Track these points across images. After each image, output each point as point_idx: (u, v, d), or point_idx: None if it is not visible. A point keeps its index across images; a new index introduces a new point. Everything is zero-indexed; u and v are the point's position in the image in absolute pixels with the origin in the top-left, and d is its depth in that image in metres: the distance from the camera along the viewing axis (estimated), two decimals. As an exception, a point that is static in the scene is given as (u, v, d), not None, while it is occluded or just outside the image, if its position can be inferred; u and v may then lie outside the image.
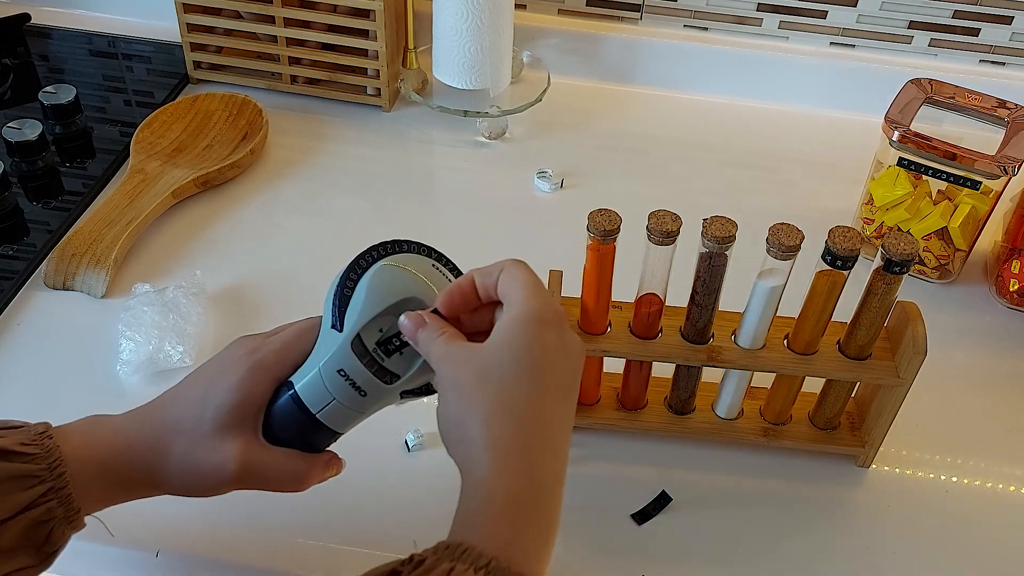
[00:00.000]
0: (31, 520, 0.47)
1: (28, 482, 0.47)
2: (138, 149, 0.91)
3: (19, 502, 0.46)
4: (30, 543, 0.47)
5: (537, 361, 0.47)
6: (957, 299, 0.85)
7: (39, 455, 0.48)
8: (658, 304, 0.64)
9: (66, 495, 0.48)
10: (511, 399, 0.46)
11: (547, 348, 0.47)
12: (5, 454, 0.47)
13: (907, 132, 0.80)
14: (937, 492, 0.69)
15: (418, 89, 1.04)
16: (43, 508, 0.47)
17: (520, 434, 0.45)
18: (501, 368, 0.46)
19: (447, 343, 0.49)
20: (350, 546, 0.63)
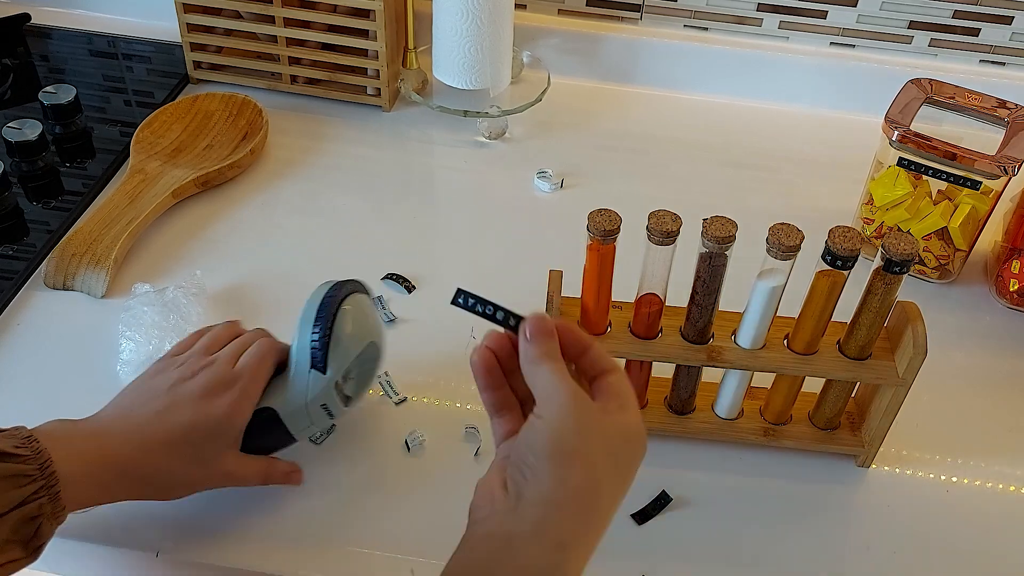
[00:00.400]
0: (22, 516, 0.50)
1: (21, 481, 0.50)
2: (138, 149, 0.91)
3: (12, 499, 0.50)
4: (20, 538, 0.50)
5: (632, 473, 0.50)
6: (957, 299, 0.85)
7: (30, 456, 0.51)
8: (658, 304, 0.64)
9: (55, 493, 0.51)
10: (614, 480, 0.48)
11: (636, 468, 0.50)
12: (2, 455, 0.50)
13: (907, 132, 0.80)
14: (937, 492, 0.69)
15: (418, 89, 1.04)
16: (34, 505, 0.50)
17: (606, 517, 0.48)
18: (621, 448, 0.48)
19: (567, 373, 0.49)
20: (350, 546, 0.63)
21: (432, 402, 0.73)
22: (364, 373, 0.66)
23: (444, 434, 0.70)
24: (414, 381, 0.74)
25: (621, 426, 0.49)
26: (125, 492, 0.58)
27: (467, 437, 0.70)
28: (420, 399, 0.73)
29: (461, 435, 0.70)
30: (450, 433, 0.70)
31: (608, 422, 0.48)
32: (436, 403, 0.73)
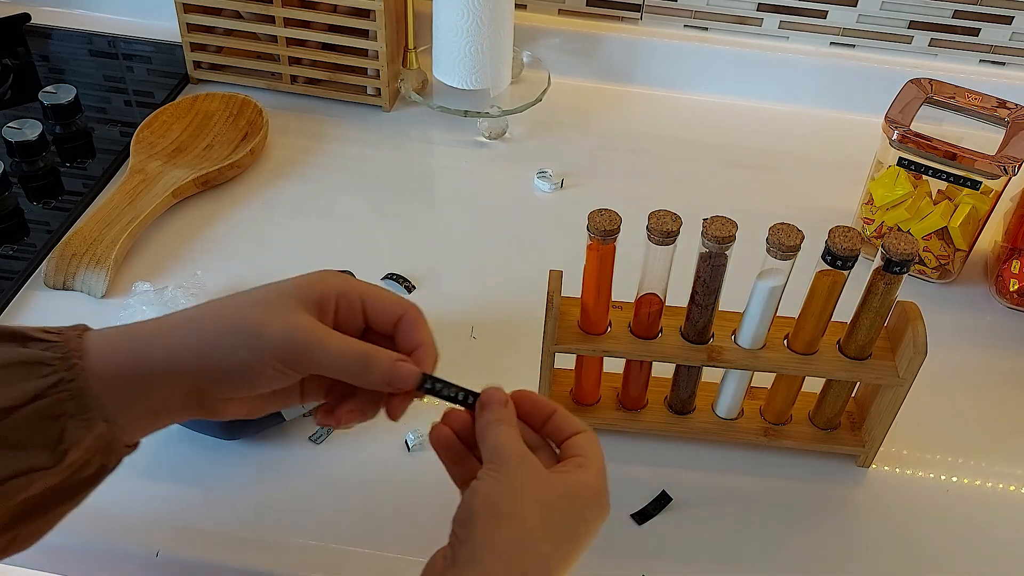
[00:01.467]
0: (39, 412, 0.43)
1: (39, 370, 0.44)
2: (138, 149, 0.91)
3: (27, 391, 0.43)
4: (42, 439, 0.44)
5: (579, 534, 0.47)
6: (957, 299, 0.85)
7: (56, 343, 0.45)
8: (658, 304, 0.64)
9: (77, 388, 0.44)
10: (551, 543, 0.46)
11: (590, 529, 0.48)
12: (23, 338, 0.45)
13: (907, 132, 0.80)
14: (937, 492, 0.69)
15: (418, 89, 1.04)
16: (52, 400, 0.43)
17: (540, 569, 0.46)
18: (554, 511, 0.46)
19: (518, 438, 0.49)
20: (350, 546, 0.63)
21: (432, 402, 0.73)
22: None
23: (444, 434, 0.70)
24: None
25: (571, 485, 0.47)
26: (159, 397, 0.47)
27: (467, 437, 0.70)
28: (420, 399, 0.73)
29: (461, 435, 0.70)
30: (450, 433, 0.70)
31: (554, 480, 0.47)
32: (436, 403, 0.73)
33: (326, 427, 0.69)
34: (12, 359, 0.43)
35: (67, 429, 0.44)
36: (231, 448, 0.68)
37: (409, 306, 0.51)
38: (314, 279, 0.49)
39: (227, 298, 0.48)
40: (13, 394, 0.43)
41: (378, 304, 0.50)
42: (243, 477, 0.67)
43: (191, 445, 0.68)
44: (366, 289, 0.50)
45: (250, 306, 0.47)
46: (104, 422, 0.45)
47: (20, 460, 0.43)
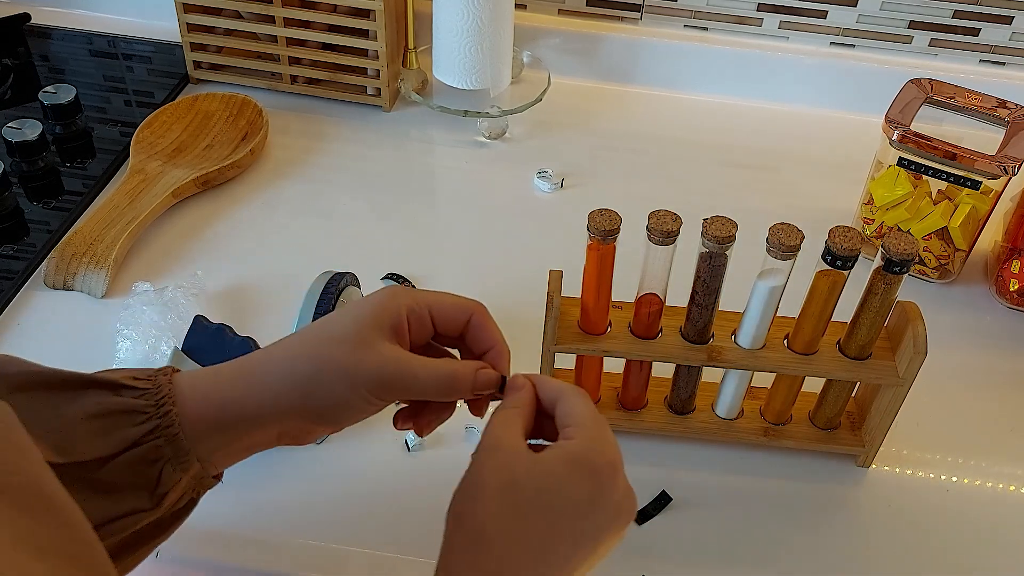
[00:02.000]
0: (138, 458, 0.45)
1: (135, 418, 0.45)
2: (138, 149, 0.91)
3: (124, 436, 0.45)
4: (140, 483, 0.45)
5: (563, 503, 0.44)
6: (957, 299, 0.85)
7: (149, 391, 0.46)
8: (658, 304, 0.64)
9: (173, 434, 0.46)
10: (518, 526, 0.44)
11: (579, 496, 0.45)
12: (116, 387, 0.46)
13: (907, 132, 0.80)
14: (937, 492, 0.69)
15: (418, 89, 1.04)
16: (149, 446, 0.45)
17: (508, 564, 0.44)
18: (528, 491, 0.44)
19: (505, 425, 0.48)
20: (350, 546, 0.63)
21: (432, 402, 0.73)
22: None
23: (444, 434, 0.70)
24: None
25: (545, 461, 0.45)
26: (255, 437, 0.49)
27: (467, 437, 0.70)
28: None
29: (461, 435, 0.70)
30: (450, 433, 0.70)
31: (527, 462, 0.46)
32: (436, 403, 0.73)
33: None
34: (107, 409, 0.45)
35: (164, 473, 0.46)
36: (231, 448, 0.68)
37: (475, 307, 0.52)
38: (387, 302, 0.49)
39: (311, 334, 0.49)
40: (111, 442, 0.44)
41: (445, 311, 0.51)
42: (244, 477, 0.67)
43: (191, 445, 0.68)
44: (432, 299, 0.51)
45: (339, 344, 0.48)
46: (198, 462, 0.47)
47: (121, 504, 0.45)
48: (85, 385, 0.46)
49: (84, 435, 0.44)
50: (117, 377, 0.46)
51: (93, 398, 0.45)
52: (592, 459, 0.46)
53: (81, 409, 0.45)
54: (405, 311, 0.50)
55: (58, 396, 0.45)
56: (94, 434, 0.44)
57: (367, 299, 0.50)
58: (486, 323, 0.52)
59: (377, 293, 0.50)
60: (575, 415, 0.48)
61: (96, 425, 0.44)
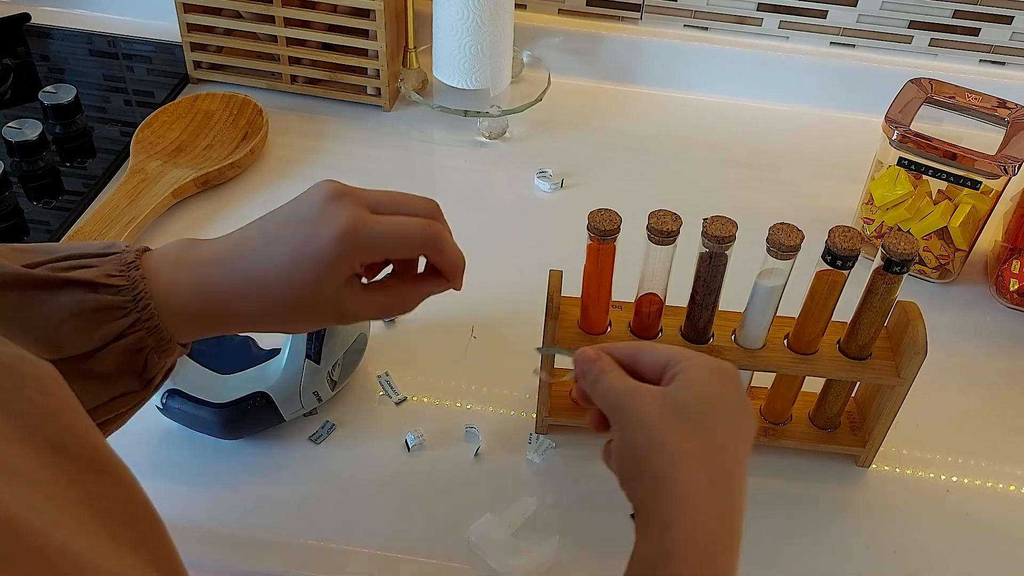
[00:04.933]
0: (124, 348, 0.48)
1: (115, 313, 0.47)
2: (138, 149, 0.92)
3: (109, 332, 0.47)
4: (129, 370, 0.48)
5: (726, 409, 0.48)
6: (957, 299, 0.85)
7: (125, 287, 0.48)
8: (658, 304, 0.64)
9: (153, 326, 0.48)
10: (701, 441, 0.46)
11: (733, 399, 0.49)
12: (92, 285, 0.47)
13: (907, 132, 0.80)
14: (937, 492, 0.69)
15: (418, 89, 1.04)
16: (133, 338, 0.48)
17: (711, 477, 0.46)
18: (697, 408, 0.47)
19: (623, 378, 0.50)
20: (350, 546, 0.63)
21: (432, 402, 0.73)
22: (351, 361, 0.70)
23: (444, 434, 0.70)
24: (414, 381, 0.74)
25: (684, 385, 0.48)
26: (234, 327, 0.52)
27: (467, 437, 0.70)
28: (420, 399, 0.73)
29: (461, 435, 0.70)
30: (450, 433, 0.70)
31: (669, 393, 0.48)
32: (436, 403, 0.73)
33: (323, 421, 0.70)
34: (88, 307, 0.47)
35: (149, 359, 0.49)
36: (231, 448, 0.68)
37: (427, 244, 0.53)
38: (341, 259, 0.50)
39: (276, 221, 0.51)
40: (96, 338, 0.47)
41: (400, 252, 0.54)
42: (243, 477, 0.67)
43: (191, 445, 0.68)
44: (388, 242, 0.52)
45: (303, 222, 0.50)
46: (180, 345, 0.51)
47: (113, 388, 0.48)
48: (62, 284, 0.47)
49: (69, 332, 0.46)
50: (92, 276, 0.48)
51: (72, 296, 0.47)
52: (723, 368, 0.49)
53: (63, 308, 0.46)
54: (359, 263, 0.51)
55: (38, 295, 0.46)
56: (79, 331, 0.46)
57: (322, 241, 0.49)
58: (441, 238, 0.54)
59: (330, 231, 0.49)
60: (668, 351, 0.50)
61: (79, 323, 0.46)
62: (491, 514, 0.64)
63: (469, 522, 0.64)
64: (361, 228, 0.50)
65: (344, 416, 0.71)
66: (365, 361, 0.73)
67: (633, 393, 0.48)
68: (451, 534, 0.64)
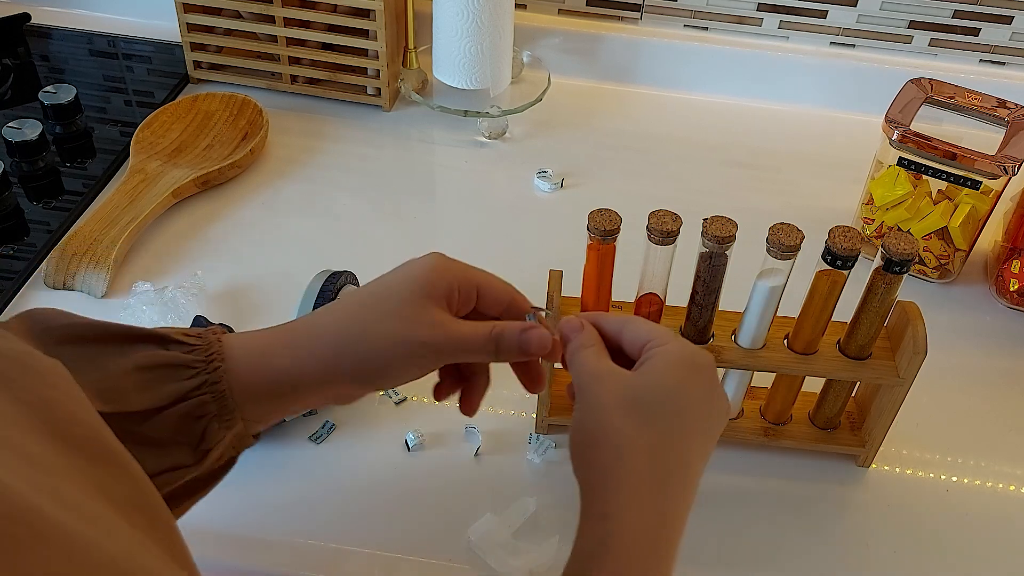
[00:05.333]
0: (184, 413, 0.45)
1: (183, 372, 0.45)
2: (138, 149, 0.92)
3: (172, 392, 0.45)
4: (184, 439, 0.46)
5: (686, 402, 0.47)
6: (957, 299, 0.85)
7: (198, 347, 0.46)
8: (658, 304, 0.64)
9: (220, 391, 0.46)
10: (653, 434, 0.46)
11: (697, 393, 0.47)
12: (165, 340, 0.46)
13: (907, 132, 0.80)
14: (937, 492, 0.69)
15: (418, 89, 1.04)
16: (195, 401, 0.45)
17: (655, 471, 0.45)
18: (651, 400, 0.46)
19: (597, 358, 0.49)
20: (350, 546, 0.63)
21: (432, 402, 0.73)
22: None
23: (444, 434, 0.70)
24: (414, 381, 0.74)
25: (651, 374, 0.47)
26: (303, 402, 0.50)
27: (467, 437, 0.70)
28: (420, 399, 0.73)
29: (461, 435, 0.70)
30: (450, 433, 0.70)
31: (634, 379, 0.47)
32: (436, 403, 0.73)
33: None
34: (156, 361, 0.45)
35: (208, 429, 0.46)
36: (231, 448, 0.68)
37: (514, 291, 0.53)
38: (438, 275, 0.50)
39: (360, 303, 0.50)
40: (159, 395, 0.45)
41: (491, 293, 0.52)
42: (243, 477, 0.67)
43: (191, 445, 0.68)
44: (481, 279, 0.52)
45: (391, 315, 0.48)
46: (242, 421, 0.47)
47: (165, 458, 0.45)
48: (134, 339, 0.46)
49: (132, 386, 0.44)
50: (167, 332, 0.46)
51: (142, 351, 0.45)
52: (694, 359, 0.48)
53: (130, 361, 0.45)
54: (456, 285, 0.50)
55: (106, 349, 0.45)
56: (142, 386, 0.44)
57: (418, 266, 0.50)
58: (524, 305, 0.53)
59: (427, 260, 0.50)
60: (649, 331, 0.49)
61: (145, 377, 0.45)
62: (491, 514, 0.64)
63: (469, 522, 0.64)
64: (448, 260, 0.50)
65: (344, 416, 0.71)
66: (365, 361, 0.73)
67: (598, 378, 0.48)
68: (451, 534, 0.64)
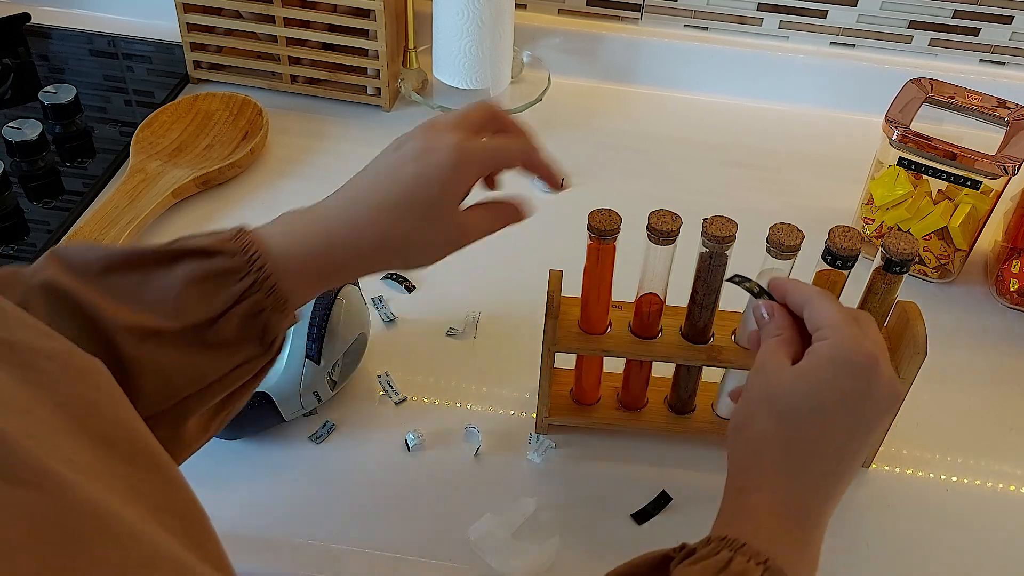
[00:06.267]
0: (244, 312, 0.48)
1: (232, 276, 0.48)
2: (138, 149, 0.92)
3: (228, 296, 0.47)
4: (250, 334, 0.49)
5: (828, 402, 0.49)
6: (957, 299, 0.85)
7: (238, 251, 0.49)
8: (658, 304, 0.64)
9: (271, 286, 0.49)
10: (791, 430, 0.49)
11: (844, 391, 0.49)
12: (207, 253, 0.48)
13: (907, 132, 0.80)
14: (937, 492, 0.69)
15: (418, 89, 1.04)
16: (251, 300, 0.48)
17: (789, 462, 0.49)
18: (794, 400, 0.49)
19: (776, 348, 0.51)
20: (350, 546, 0.63)
21: (432, 402, 0.73)
22: (351, 361, 0.70)
23: (444, 434, 0.70)
24: (414, 381, 0.74)
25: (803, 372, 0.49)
26: (351, 273, 0.54)
27: (467, 437, 0.70)
28: (420, 399, 0.73)
29: (461, 435, 0.70)
30: (450, 433, 0.70)
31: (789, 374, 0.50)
32: (436, 403, 0.73)
33: None
34: (205, 273, 0.47)
35: (269, 321, 0.49)
36: (231, 448, 0.68)
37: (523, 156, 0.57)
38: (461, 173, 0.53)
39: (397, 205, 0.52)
40: (216, 303, 0.47)
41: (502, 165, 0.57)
42: (243, 477, 0.67)
43: (191, 445, 0.68)
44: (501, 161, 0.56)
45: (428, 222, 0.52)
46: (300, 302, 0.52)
47: (237, 355, 0.49)
48: (176, 256, 0.47)
49: (190, 300, 0.46)
50: (204, 244, 0.48)
51: (188, 266, 0.47)
52: (849, 356, 0.49)
53: (178, 278, 0.47)
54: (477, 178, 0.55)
55: (151, 271, 0.47)
56: (199, 298, 0.47)
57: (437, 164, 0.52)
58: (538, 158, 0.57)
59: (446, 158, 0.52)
60: (822, 317, 0.51)
61: (198, 290, 0.47)
62: (491, 514, 0.64)
63: (469, 522, 0.64)
64: (469, 148, 0.52)
65: (344, 416, 0.71)
66: (365, 361, 0.73)
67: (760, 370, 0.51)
68: (451, 534, 0.64)
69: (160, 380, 0.46)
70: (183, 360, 0.46)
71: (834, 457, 0.49)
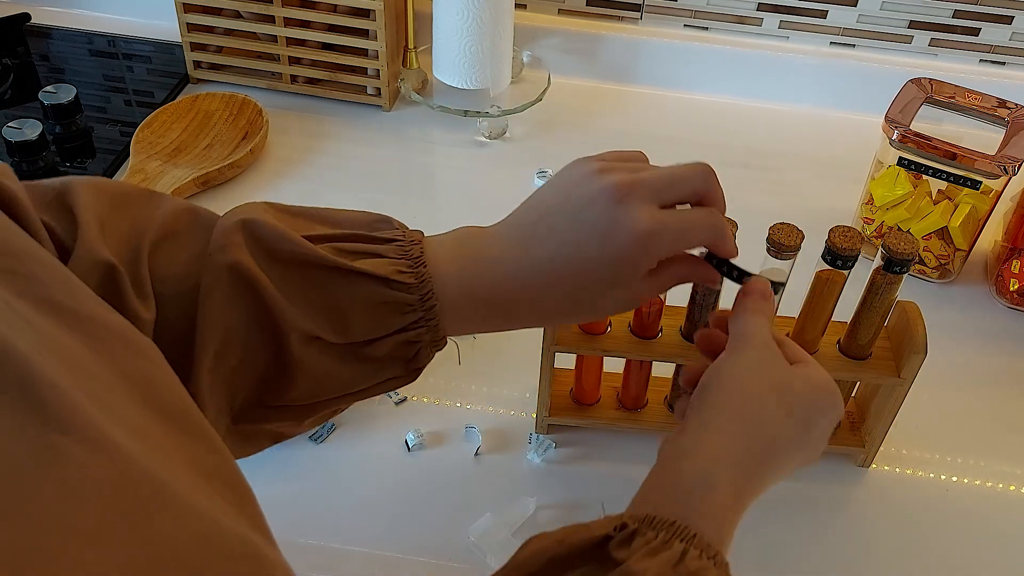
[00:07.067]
0: (402, 340, 0.50)
1: (402, 308, 0.50)
2: (138, 149, 0.92)
3: (392, 324, 0.50)
4: (400, 357, 0.51)
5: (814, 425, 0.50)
6: (957, 299, 0.85)
7: (414, 285, 0.50)
8: (658, 304, 0.64)
9: (434, 325, 0.50)
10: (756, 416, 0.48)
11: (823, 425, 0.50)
12: (385, 281, 0.49)
13: (907, 132, 0.80)
14: (937, 492, 0.69)
15: (418, 89, 1.04)
16: (413, 333, 0.50)
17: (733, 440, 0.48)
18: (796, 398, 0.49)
19: (764, 326, 0.51)
20: (350, 546, 0.63)
21: (432, 402, 0.73)
22: None
23: (444, 434, 0.70)
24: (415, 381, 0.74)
25: (808, 378, 0.50)
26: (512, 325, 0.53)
27: (467, 437, 0.70)
28: (420, 399, 0.73)
29: (461, 435, 0.70)
30: (450, 433, 0.70)
31: (791, 371, 0.50)
32: (436, 403, 0.73)
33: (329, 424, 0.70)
34: (380, 300, 0.49)
35: (422, 351, 0.51)
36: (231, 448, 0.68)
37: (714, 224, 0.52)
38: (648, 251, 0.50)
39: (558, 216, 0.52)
40: (380, 328, 0.50)
41: None
42: (243, 477, 0.67)
43: (191, 445, 0.68)
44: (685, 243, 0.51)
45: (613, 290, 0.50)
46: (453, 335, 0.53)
47: (382, 372, 0.51)
48: (356, 274, 0.49)
49: (358, 320, 0.49)
50: (385, 272, 0.49)
51: (365, 287, 0.49)
52: (836, 390, 0.51)
53: (355, 297, 0.49)
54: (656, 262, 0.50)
55: (331, 279, 0.49)
56: (367, 320, 0.49)
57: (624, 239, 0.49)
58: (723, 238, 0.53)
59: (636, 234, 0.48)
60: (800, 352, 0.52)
61: (369, 313, 0.49)
62: (491, 514, 0.65)
63: (469, 522, 0.64)
64: (660, 232, 0.49)
65: (344, 416, 0.71)
66: (365, 361, 0.73)
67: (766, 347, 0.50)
68: (451, 534, 0.64)
69: (312, 380, 0.48)
70: (336, 368, 0.49)
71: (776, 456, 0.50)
